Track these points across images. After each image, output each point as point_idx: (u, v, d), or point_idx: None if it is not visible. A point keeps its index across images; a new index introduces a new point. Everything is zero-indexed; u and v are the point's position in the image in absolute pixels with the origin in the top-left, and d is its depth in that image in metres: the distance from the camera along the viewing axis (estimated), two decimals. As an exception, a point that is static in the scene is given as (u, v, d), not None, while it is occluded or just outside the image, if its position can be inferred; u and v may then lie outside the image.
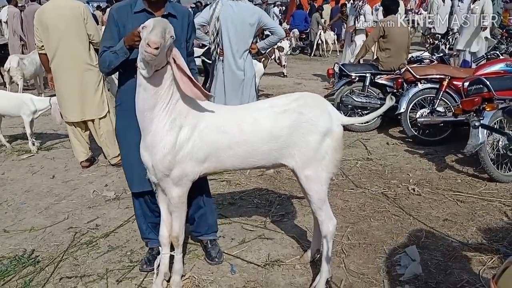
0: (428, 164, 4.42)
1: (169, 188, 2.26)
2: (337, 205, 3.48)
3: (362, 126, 5.59)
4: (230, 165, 2.29)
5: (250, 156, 2.24)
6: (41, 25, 3.98)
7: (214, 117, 2.22)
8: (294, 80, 9.59)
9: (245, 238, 3.01)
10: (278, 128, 2.19)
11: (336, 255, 2.76)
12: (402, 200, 3.59)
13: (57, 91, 4.18)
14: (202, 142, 2.17)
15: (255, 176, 4.10)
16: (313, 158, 2.22)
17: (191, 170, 2.22)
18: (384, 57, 5.74)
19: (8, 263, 2.73)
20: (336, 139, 2.25)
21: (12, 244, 2.99)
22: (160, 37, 1.88)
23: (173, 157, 2.15)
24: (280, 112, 2.21)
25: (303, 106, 2.23)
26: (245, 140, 2.19)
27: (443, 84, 4.98)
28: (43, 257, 2.82)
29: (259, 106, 2.32)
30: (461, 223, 3.17)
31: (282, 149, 2.23)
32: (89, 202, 3.66)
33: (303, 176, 2.26)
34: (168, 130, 2.13)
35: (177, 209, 2.32)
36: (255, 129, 2.19)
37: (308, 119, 2.20)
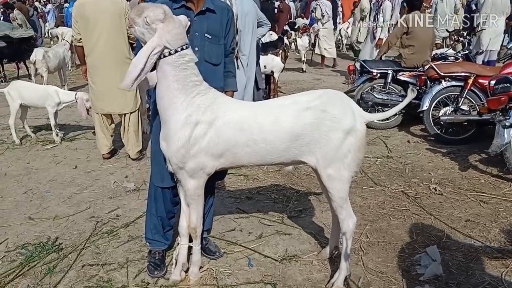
0: (451, 163, 4.33)
1: (184, 180, 2.28)
2: (356, 203, 3.45)
3: (382, 123, 5.52)
4: (247, 161, 2.28)
5: (268, 154, 2.22)
6: (81, 18, 4.04)
7: (233, 114, 2.19)
8: (313, 76, 9.52)
9: (262, 233, 3.02)
10: (300, 125, 2.16)
11: (354, 253, 2.74)
12: (423, 199, 3.53)
13: (94, 83, 4.23)
14: (219, 138, 2.17)
15: (272, 171, 4.11)
16: (335, 157, 2.19)
17: (207, 164, 2.21)
18: (407, 53, 5.64)
19: (33, 249, 2.82)
20: (359, 138, 2.22)
21: (37, 231, 3.08)
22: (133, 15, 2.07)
23: (187, 151, 2.16)
24: (302, 109, 2.18)
25: (326, 103, 2.19)
26: (264, 138, 2.17)
27: (468, 82, 4.86)
28: (66, 244, 2.90)
29: (281, 103, 2.29)
30: (484, 224, 3.11)
31: (302, 146, 2.21)
32: (110, 193, 3.74)
33: (325, 175, 2.24)
34: (183, 124, 2.14)
35: (194, 201, 2.33)
36: (275, 127, 2.17)
37: (331, 116, 2.16)
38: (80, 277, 2.55)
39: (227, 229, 3.09)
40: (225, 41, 2.47)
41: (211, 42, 2.40)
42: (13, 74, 9.53)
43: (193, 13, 2.35)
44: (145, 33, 2.07)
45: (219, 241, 2.91)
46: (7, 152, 4.81)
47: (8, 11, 13.09)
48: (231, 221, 3.20)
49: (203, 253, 2.71)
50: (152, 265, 2.60)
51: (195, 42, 2.33)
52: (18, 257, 2.75)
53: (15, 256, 2.77)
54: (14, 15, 11.96)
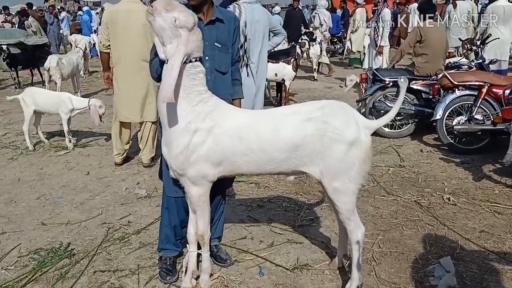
0: (464, 173, 4.27)
1: (187, 187, 2.28)
2: (368, 212, 3.42)
3: (394, 132, 5.48)
4: (246, 170, 2.27)
5: (267, 163, 2.21)
6: (112, 25, 4.09)
7: (232, 122, 2.19)
8: (325, 84, 9.51)
9: (273, 241, 3.00)
10: (300, 136, 2.14)
11: (366, 263, 2.71)
12: (436, 209, 3.48)
13: (120, 90, 4.25)
14: (217, 146, 2.17)
15: (283, 179, 4.09)
16: (340, 169, 2.16)
17: (207, 172, 2.21)
18: (421, 62, 5.60)
19: (46, 255, 2.84)
20: (364, 150, 2.17)
21: (50, 237, 3.10)
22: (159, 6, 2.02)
23: (186, 158, 2.16)
24: (303, 120, 2.16)
25: (328, 114, 2.16)
26: (262, 148, 2.16)
27: (482, 91, 4.80)
28: (78, 250, 2.92)
29: (282, 112, 2.29)
30: (499, 235, 3.05)
31: (303, 157, 2.18)
32: (121, 199, 3.76)
33: (330, 188, 2.22)
34: (182, 131, 2.14)
35: (199, 208, 2.33)
36: (274, 137, 2.15)
37: (333, 128, 2.13)
38: (92, 283, 2.56)
39: (238, 237, 3.08)
40: (232, 50, 2.51)
41: (220, 51, 2.44)
42: (27, 81, 9.70)
43: (203, 23, 2.38)
44: (166, 30, 2.06)
45: (230, 249, 2.90)
46: (20, 157, 4.88)
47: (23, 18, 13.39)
48: (242, 229, 3.19)
49: (214, 260, 2.70)
50: (164, 271, 2.60)
51: (206, 51, 2.35)
52: (31, 262, 2.78)
53: (28, 261, 2.79)
54: (29, 22, 12.21)
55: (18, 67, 9.31)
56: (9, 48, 9.27)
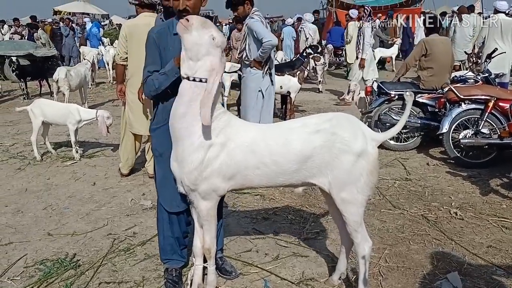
0: (472, 187, 4.24)
1: (197, 202, 2.29)
2: (374, 226, 3.40)
3: (400, 145, 5.47)
4: (257, 183, 2.30)
5: (278, 176, 2.23)
6: (131, 38, 4.12)
7: (245, 137, 2.22)
8: (330, 96, 9.54)
9: (279, 254, 2.99)
10: (310, 148, 2.17)
11: (373, 277, 2.69)
12: (444, 223, 3.46)
13: (134, 103, 4.23)
14: (230, 161, 2.19)
15: (289, 191, 4.08)
16: (348, 180, 2.18)
17: (219, 186, 2.23)
18: (426, 76, 5.62)
19: (51, 266, 2.84)
20: (371, 161, 2.21)
21: (56, 247, 3.11)
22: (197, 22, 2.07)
23: (200, 173, 2.18)
24: (312, 132, 2.19)
25: (336, 126, 2.20)
26: (275, 160, 2.19)
27: (488, 105, 4.79)
28: (84, 261, 2.92)
29: (291, 126, 2.32)
30: (506, 250, 3.02)
31: (312, 168, 2.21)
32: (127, 210, 3.77)
33: (338, 199, 2.23)
34: (197, 147, 2.16)
35: (207, 222, 2.34)
36: (285, 149, 2.18)
37: (342, 139, 2.17)
38: (97, 294, 2.56)
39: (243, 249, 3.07)
40: None
41: None
42: (35, 92, 9.82)
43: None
44: (201, 46, 2.08)
45: (235, 262, 2.89)
46: (28, 168, 4.92)
47: (33, 30, 13.62)
48: (247, 242, 3.18)
49: (219, 273, 2.69)
50: (170, 282, 2.59)
51: None
52: (37, 273, 2.78)
53: (34, 271, 2.80)
54: (38, 34, 12.42)
55: (27, 78, 9.44)
56: (18, 59, 9.42)
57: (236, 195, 3.97)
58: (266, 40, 4.09)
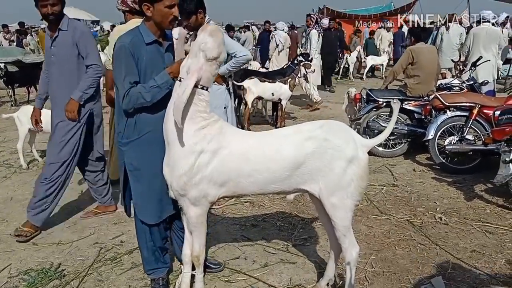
0: (456, 192, 4.31)
1: (186, 208, 2.30)
2: (361, 231, 3.43)
3: (388, 151, 5.54)
4: (250, 190, 2.32)
5: (271, 183, 2.26)
6: None
7: (238, 144, 2.24)
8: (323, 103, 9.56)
9: (267, 261, 2.99)
10: (302, 155, 2.20)
11: (359, 283, 2.71)
12: (429, 228, 3.50)
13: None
14: (222, 168, 2.21)
15: (278, 198, 4.10)
16: (339, 185, 2.22)
17: (209, 192, 2.25)
18: (413, 83, 5.72)
19: (36, 276, 2.80)
20: (361, 166, 2.26)
21: (40, 257, 3.07)
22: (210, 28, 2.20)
23: (189, 179, 2.19)
24: (305, 138, 2.23)
25: (328, 132, 2.25)
26: (267, 168, 2.21)
27: (473, 112, 4.88)
28: (69, 271, 2.89)
29: (283, 133, 2.36)
30: (490, 255, 3.07)
31: (304, 174, 2.24)
32: (114, 218, 3.73)
33: (328, 204, 2.26)
34: (188, 153, 2.18)
35: (196, 229, 2.35)
36: (278, 156, 2.21)
37: (334, 145, 2.21)
38: (82, 305, 2.53)
39: (232, 257, 3.07)
40: None
41: None
42: (23, 98, 9.73)
43: (163, 49, 2.40)
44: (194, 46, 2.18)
45: (223, 269, 2.88)
46: (14, 176, 4.86)
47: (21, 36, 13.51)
48: (235, 249, 3.18)
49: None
50: None
51: None
52: (21, 283, 2.74)
53: (18, 282, 2.76)
54: (27, 40, 12.33)
55: (15, 85, 9.35)
56: (6, 66, 9.32)
57: (225, 202, 3.97)
58: (242, 54, 3.66)
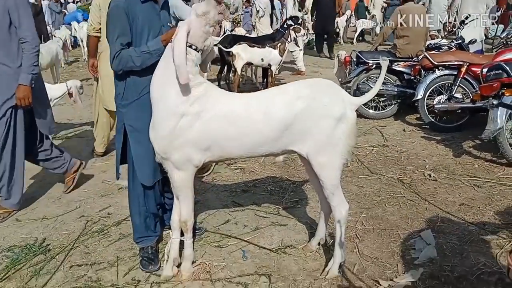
0: (445, 150, 4.32)
1: (170, 171, 2.26)
2: (352, 191, 3.41)
3: (378, 113, 5.53)
4: (237, 154, 2.27)
5: (259, 145, 2.21)
6: (104, 8, 3.79)
7: (223, 106, 2.18)
8: (311, 69, 9.44)
9: (258, 225, 2.97)
10: (292, 115, 2.15)
11: (350, 240, 2.71)
12: (418, 185, 3.51)
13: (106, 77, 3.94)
14: (205, 132, 2.15)
15: (269, 163, 4.06)
16: (327, 144, 2.18)
17: (193, 156, 2.20)
18: (402, 44, 5.65)
19: (19, 252, 2.73)
20: (350, 125, 2.22)
21: (24, 233, 2.99)
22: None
23: (169, 143, 2.14)
24: (293, 98, 2.18)
25: (316, 92, 2.21)
26: (255, 130, 2.16)
27: (461, 71, 4.86)
28: (54, 245, 2.82)
29: (271, 94, 2.29)
30: (478, 207, 3.09)
31: (293, 135, 2.19)
32: (101, 191, 3.66)
33: (316, 163, 2.22)
34: (169, 115, 2.13)
35: (181, 193, 2.31)
36: (266, 118, 2.15)
37: (322, 104, 2.17)
38: (68, 278, 2.47)
39: (222, 222, 3.04)
40: None
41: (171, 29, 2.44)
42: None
43: (159, 6, 2.38)
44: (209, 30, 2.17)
45: (214, 235, 2.86)
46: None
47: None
48: (226, 215, 3.15)
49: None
50: (146, 260, 2.54)
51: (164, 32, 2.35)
52: (4, 260, 2.67)
53: (1, 259, 2.68)
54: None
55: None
56: None
57: (215, 170, 3.92)
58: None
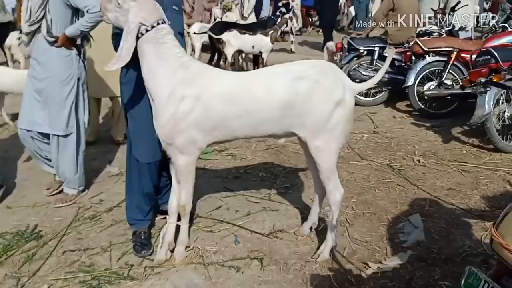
0: (434, 136, 4.39)
1: (174, 156, 2.24)
2: (342, 177, 3.43)
3: (369, 100, 5.56)
4: (241, 133, 2.25)
5: (261, 124, 2.20)
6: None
7: (222, 86, 2.16)
8: (303, 56, 9.38)
9: (249, 210, 2.99)
10: (293, 95, 2.13)
11: (340, 225, 2.72)
12: (407, 171, 3.56)
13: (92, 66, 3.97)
14: (207, 113, 2.13)
15: (260, 150, 4.08)
16: (324, 128, 2.18)
17: (197, 139, 2.18)
18: (393, 30, 5.66)
19: (11, 238, 2.71)
20: (348, 110, 2.22)
21: (15, 220, 2.96)
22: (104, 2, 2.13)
23: (173, 127, 2.12)
24: (295, 78, 2.15)
25: (319, 74, 2.18)
26: (257, 108, 2.14)
27: (451, 57, 4.92)
28: (46, 232, 2.81)
29: (273, 72, 2.26)
30: (465, 192, 3.16)
31: (294, 117, 2.18)
32: (92, 178, 3.63)
33: (313, 146, 2.23)
34: (167, 100, 2.10)
35: (184, 178, 2.30)
36: (268, 96, 2.14)
37: (324, 87, 2.15)
38: (61, 263, 2.47)
39: (214, 207, 3.05)
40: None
41: (177, 13, 2.43)
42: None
43: None
44: (119, 17, 2.05)
45: (206, 220, 2.88)
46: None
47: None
48: (217, 200, 3.16)
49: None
50: (139, 245, 2.55)
51: (168, 16, 2.30)
52: (-5, 246, 2.65)
53: (-8, 246, 2.67)
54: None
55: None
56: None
57: (207, 156, 3.92)
58: (97, 11, 2.72)
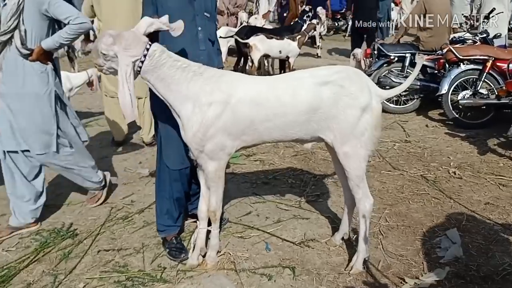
0: (470, 147, 4.25)
1: (204, 163, 2.25)
2: (374, 187, 3.39)
3: (400, 108, 5.45)
4: (268, 137, 2.25)
5: (288, 128, 2.20)
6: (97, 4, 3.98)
7: (248, 90, 2.16)
8: (329, 61, 9.37)
9: (280, 217, 2.97)
10: (318, 99, 2.14)
11: (373, 236, 2.69)
12: (442, 183, 3.46)
13: None
14: (235, 117, 2.14)
15: (289, 156, 4.05)
16: (352, 134, 2.17)
17: (226, 144, 2.19)
18: (425, 36, 5.53)
19: (48, 235, 2.79)
20: (375, 116, 2.20)
21: (51, 218, 3.04)
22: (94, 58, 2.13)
23: (203, 134, 2.14)
24: (320, 83, 2.16)
25: (344, 79, 2.18)
26: (284, 112, 2.15)
27: (486, 65, 4.76)
28: (81, 230, 2.88)
29: (298, 76, 2.26)
30: (503, 207, 3.04)
31: (320, 121, 2.18)
32: (123, 179, 3.70)
33: (341, 152, 2.21)
34: (192, 110, 2.12)
35: (214, 184, 2.30)
36: (294, 100, 2.14)
37: (349, 93, 2.15)
38: (96, 262, 2.53)
39: (244, 213, 3.05)
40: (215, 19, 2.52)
41: (209, 20, 2.42)
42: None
43: None
44: (112, 66, 2.09)
45: (236, 225, 2.88)
46: None
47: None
48: (247, 206, 3.16)
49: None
50: (174, 250, 2.57)
51: (198, 22, 2.34)
52: (33, 243, 2.73)
53: (30, 242, 2.74)
54: None
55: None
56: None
57: (235, 161, 3.93)
58: (79, 22, 2.57)
